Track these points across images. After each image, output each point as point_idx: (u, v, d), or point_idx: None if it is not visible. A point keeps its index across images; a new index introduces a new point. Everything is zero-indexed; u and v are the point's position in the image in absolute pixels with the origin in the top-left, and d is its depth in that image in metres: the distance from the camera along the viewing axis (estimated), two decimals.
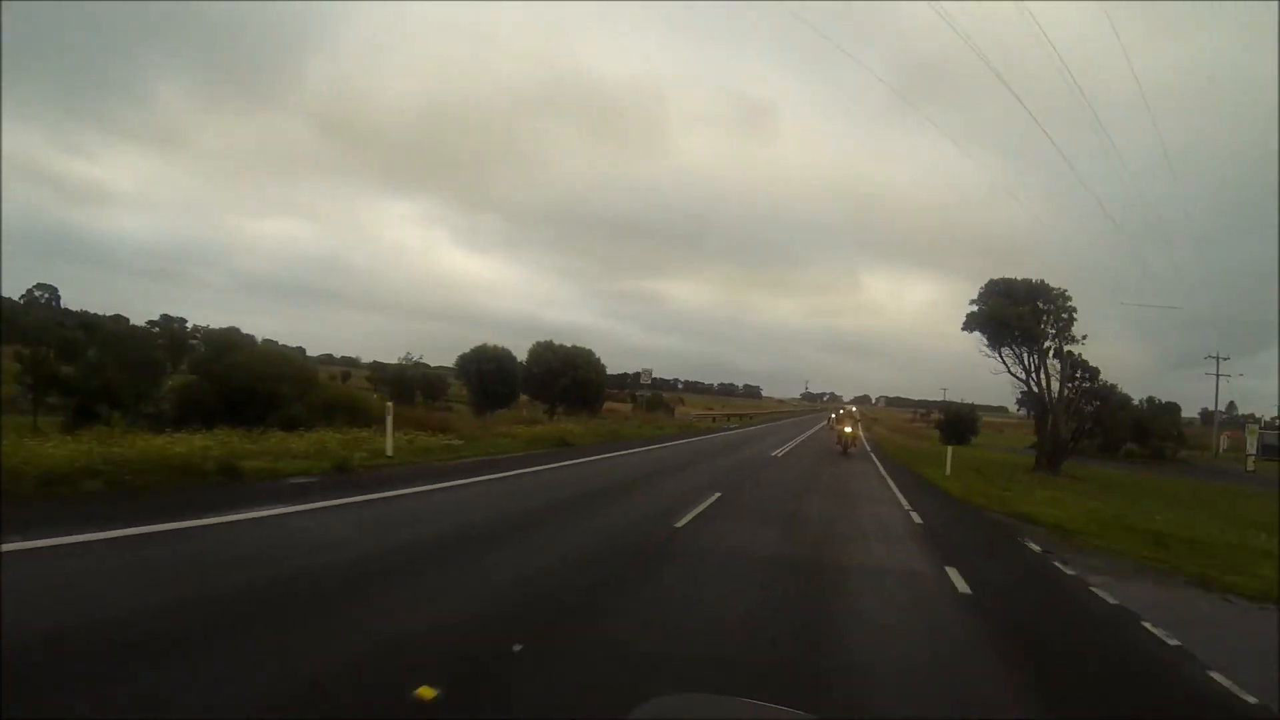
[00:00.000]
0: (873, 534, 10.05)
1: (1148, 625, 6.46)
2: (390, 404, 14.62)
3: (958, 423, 50.08)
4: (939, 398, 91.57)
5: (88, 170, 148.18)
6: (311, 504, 8.11)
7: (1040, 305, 26.70)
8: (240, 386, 18.55)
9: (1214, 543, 11.65)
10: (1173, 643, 5.97)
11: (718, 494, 11.99)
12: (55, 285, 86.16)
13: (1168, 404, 57.51)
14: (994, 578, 8.08)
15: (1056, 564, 9.23)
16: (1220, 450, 46.73)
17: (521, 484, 11.93)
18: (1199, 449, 49.17)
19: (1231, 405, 67.70)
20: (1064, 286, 26.60)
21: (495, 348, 28.88)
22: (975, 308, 26.94)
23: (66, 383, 22.64)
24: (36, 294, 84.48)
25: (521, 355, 30.26)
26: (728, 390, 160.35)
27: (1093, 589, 7.87)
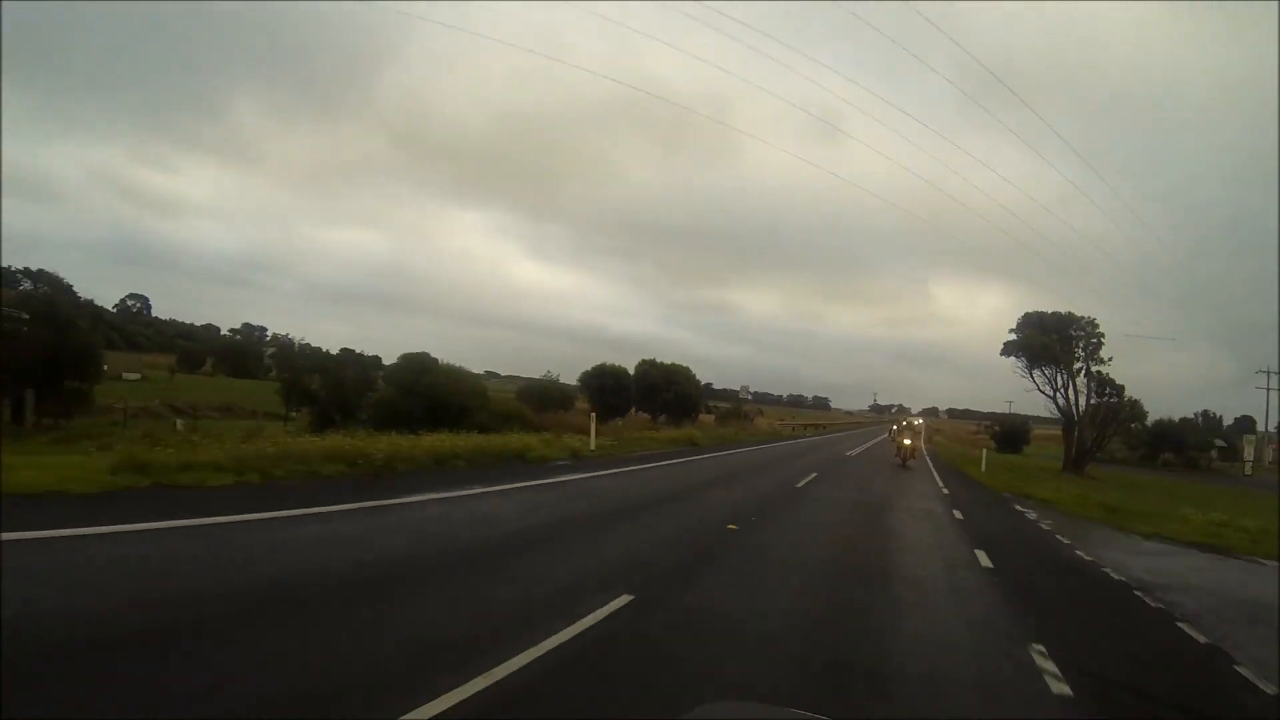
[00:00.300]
0: (915, 495, 16.33)
1: (1060, 537, 12.57)
2: (594, 414, 21.63)
3: (1011, 434, 54.56)
4: (1005, 409, 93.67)
5: (168, 183, 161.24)
6: (587, 473, 14.94)
7: (1072, 333, 31.91)
8: (440, 399, 25.89)
9: (1153, 513, 17.31)
10: (1066, 542, 12.10)
11: (815, 474, 18.49)
12: (145, 295, 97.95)
13: (1214, 417, 60.53)
14: (980, 517, 14.30)
15: (1026, 514, 15.32)
16: (1264, 461, 49.27)
17: (690, 466, 18.70)
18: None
19: None
20: (1092, 314, 31.67)
21: (613, 366, 36.18)
22: (1013, 336, 32.48)
23: (314, 396, 30.77)
24: (130, 303, 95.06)
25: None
26: (797, 401, 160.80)
27: (1040, 525, 13.96)
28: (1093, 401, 30.67)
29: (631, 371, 38.17)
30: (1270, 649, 6.43)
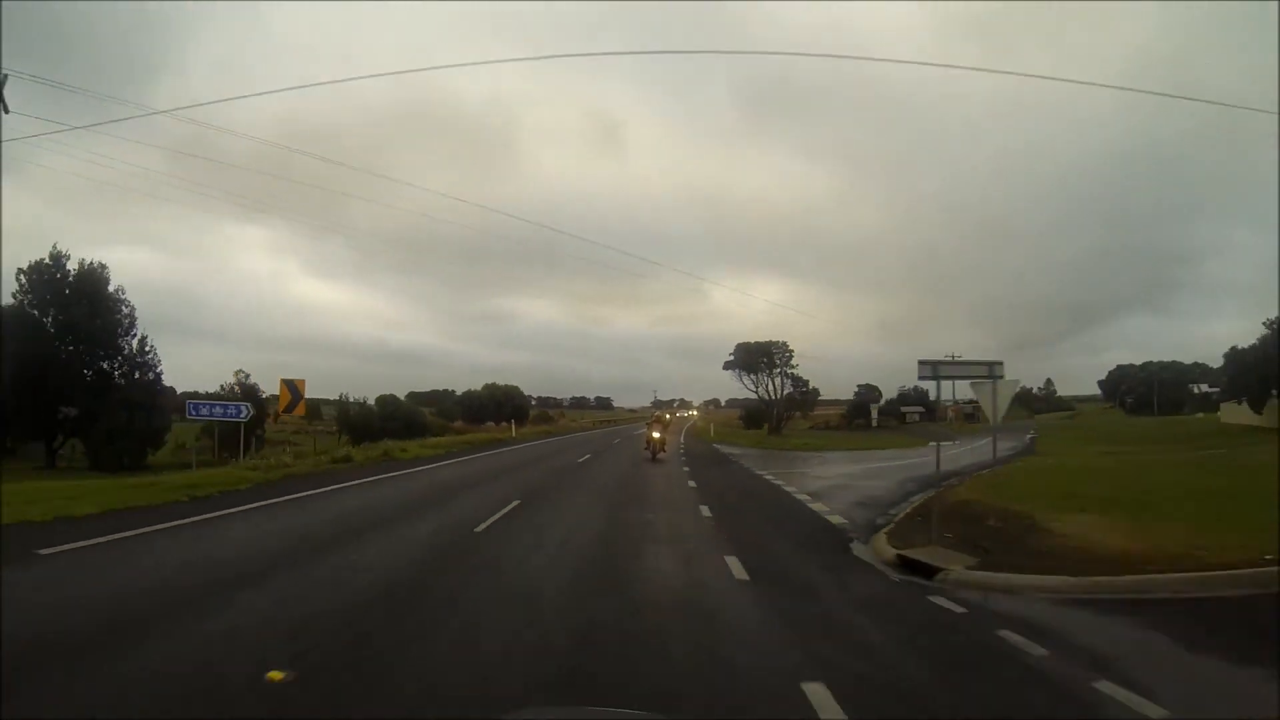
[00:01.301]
0: (670, 443, 31.97)
1: (720, 449, 28.51)
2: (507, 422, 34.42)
3: (754, 415, 75.37)
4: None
5: None
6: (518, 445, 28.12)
7: (773, 351, 51.24)
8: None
9: (781, 444, 34.76)
10: (724, 452, 28.02)
11: (618, 439, 33.38)
12: None
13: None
14: (692, 445, 30.13)
15: (720, 449, 31.58)
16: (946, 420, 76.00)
17: (549, 442, 32.35)
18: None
19: (1049, 383, 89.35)
20: (784, 339, 51.39)
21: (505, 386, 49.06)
22: (731, 358, 51.51)
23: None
24: None
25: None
26: (580, 403, 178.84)
27: (720, 449, 30.08)
28: (787, 392, 50.40)
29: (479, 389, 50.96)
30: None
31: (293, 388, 21.53)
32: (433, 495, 13.54)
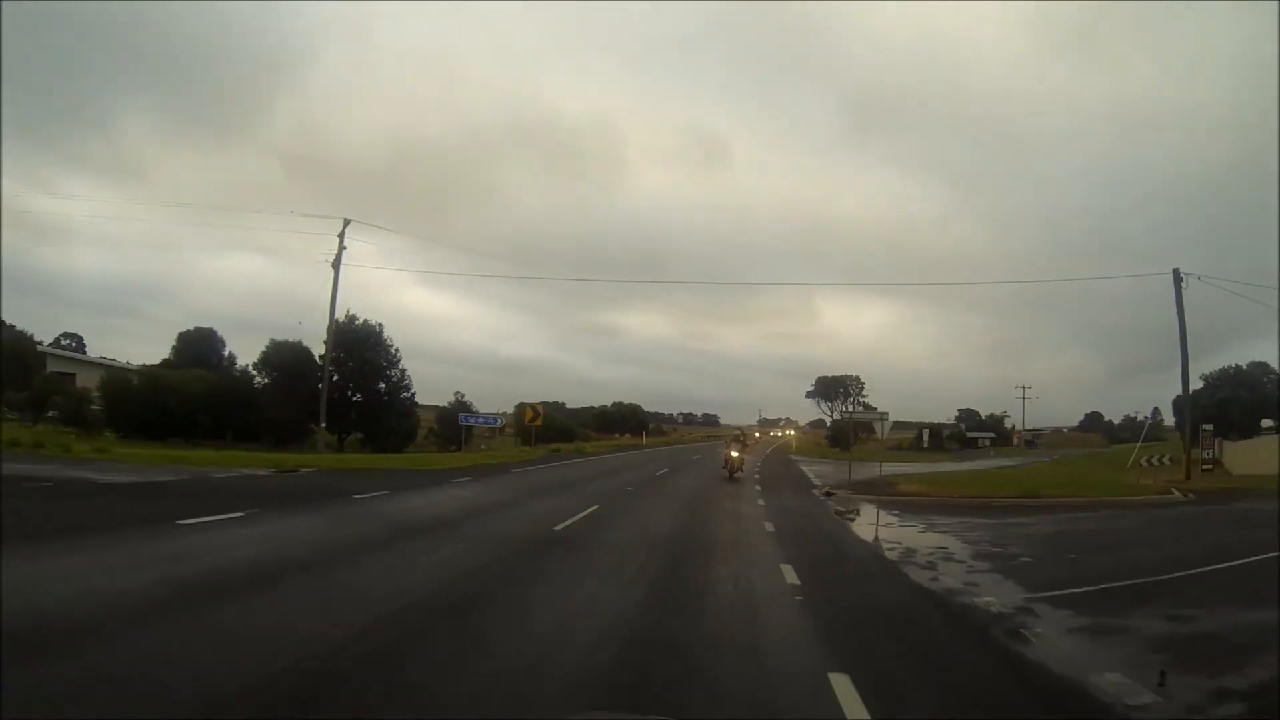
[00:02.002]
0: (759, 458, 43.93)
1: (795, 461, 40.11)
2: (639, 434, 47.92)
3: (839, 435, 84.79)
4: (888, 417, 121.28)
5: (48, 205, 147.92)
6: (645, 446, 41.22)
7: (848, 384, 61.68)
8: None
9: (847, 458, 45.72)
10: (794, 459, 39.60)
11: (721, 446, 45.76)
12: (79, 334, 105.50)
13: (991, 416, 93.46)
14: (771, 458, 41.92)
15: (792, 459, 43.12)
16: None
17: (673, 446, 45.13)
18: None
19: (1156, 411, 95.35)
20: (857, 372, 61.56)
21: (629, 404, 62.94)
22: (812, 388, 62.31)
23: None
24: (64, 341, 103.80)
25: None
26: (689, 419, 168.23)
27: (793, 459, 41.66)
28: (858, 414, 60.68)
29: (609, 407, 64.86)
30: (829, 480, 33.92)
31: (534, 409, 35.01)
32: (624, 464, 26.71)
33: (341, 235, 32.80)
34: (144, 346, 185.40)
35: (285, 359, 43.08)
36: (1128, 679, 4.40)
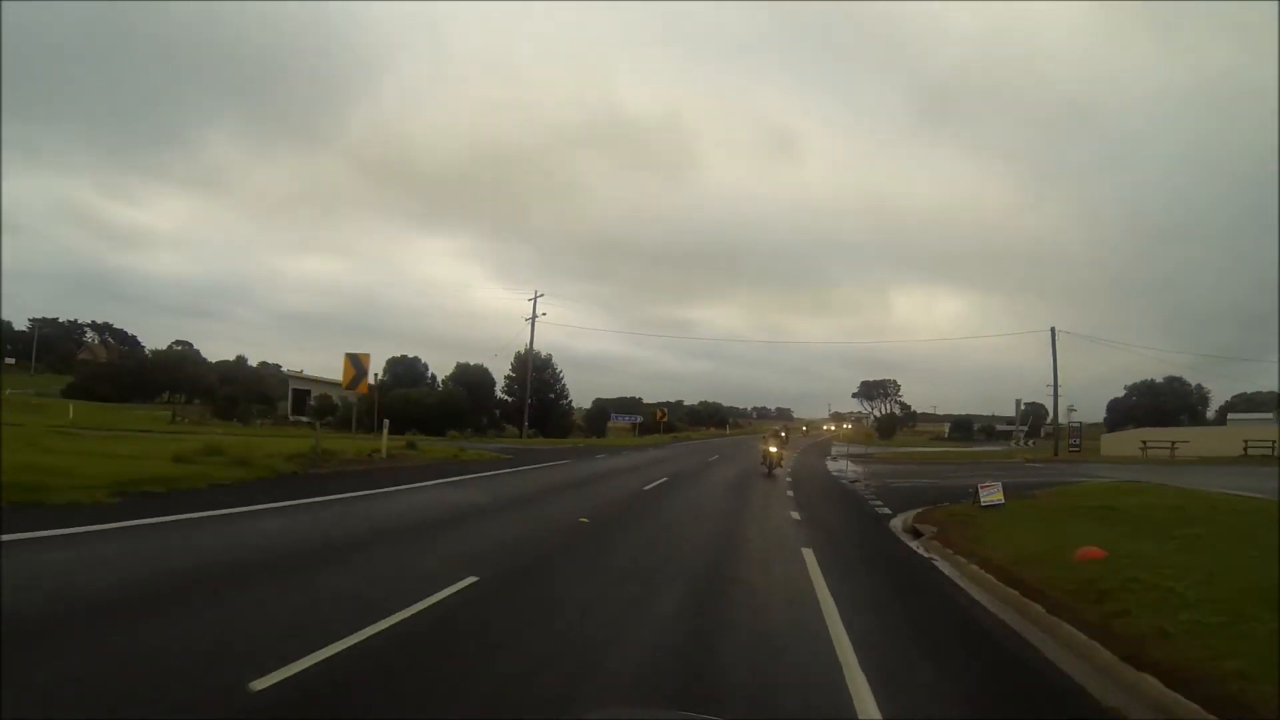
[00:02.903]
0: (813, 441, 62.16)
1: (833, 446, 58.18)
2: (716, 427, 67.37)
3: (888, 426, 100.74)
4: (959, 410, 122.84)
5: (133, 214, 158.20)
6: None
7: (887, 386, 78.66)
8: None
9: (885, 444, 63.11)
10: (836, 450, 57.75)
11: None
12: (190, 340, 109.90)
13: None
14: (819, 443, 60.10)
15: (834, 443, 61.23)
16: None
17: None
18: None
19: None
20: (928, 364, 77.86)
21: (713, 402, 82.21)
22: (857, 390, 79.40)
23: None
24: (178, 347, 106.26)
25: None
26: (762, 413, 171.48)
27: (832, 444, 59.78)
28: (893, 413, 77.19)
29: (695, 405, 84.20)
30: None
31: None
32: (728, 444, 45.85)
33: (534, 301, 52.82)
34: (228, 347, 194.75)
35: (471, 377, 64.23)
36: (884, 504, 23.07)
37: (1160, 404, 50.84)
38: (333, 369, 25.44)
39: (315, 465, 15.02)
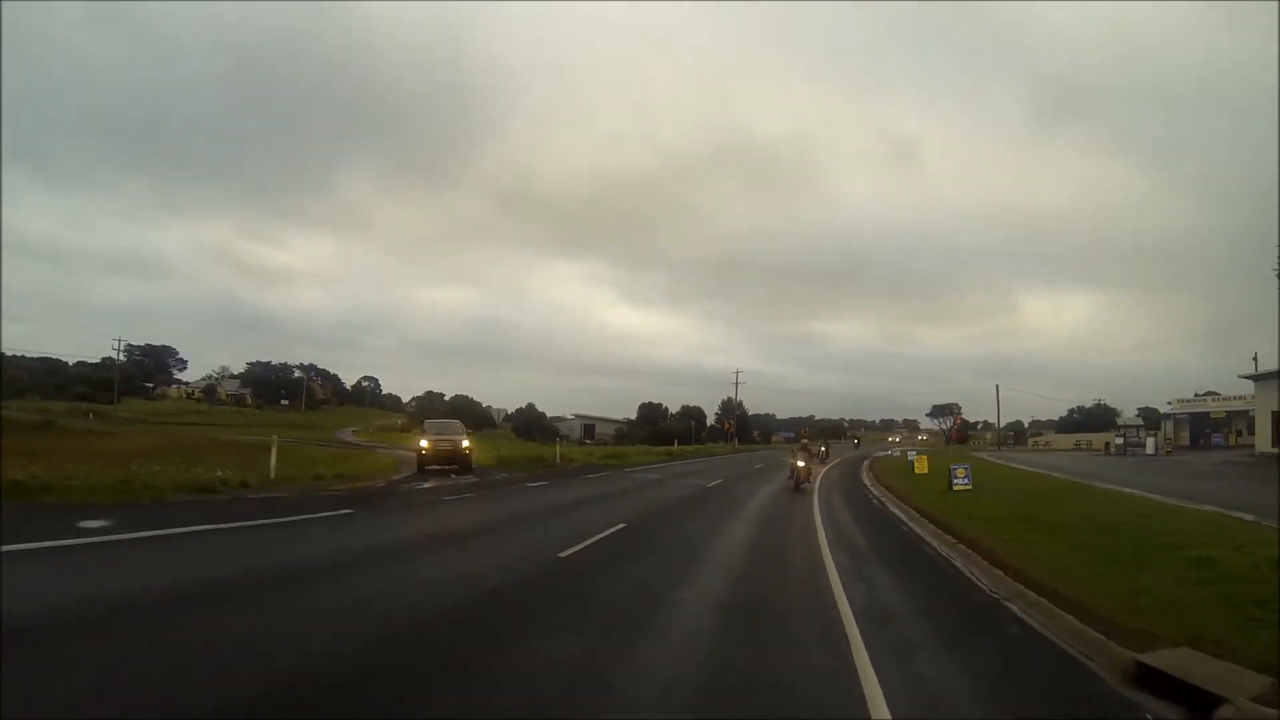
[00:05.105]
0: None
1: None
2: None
3: (961, 436, 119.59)
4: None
5: (276, 256, 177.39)
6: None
7: (952, 408, 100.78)
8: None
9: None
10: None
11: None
12: (376, 376, 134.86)
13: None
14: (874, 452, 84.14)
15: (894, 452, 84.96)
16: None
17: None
18: None
19: None
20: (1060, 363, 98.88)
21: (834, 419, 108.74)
22: (929, 411, 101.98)
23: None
24: (365, 384, 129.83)
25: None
26: (888, 425, 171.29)
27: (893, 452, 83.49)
28: (957, 424, 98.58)
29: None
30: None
31: (805, 431, 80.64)
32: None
33: (735, 384, 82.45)
34: (355, 375, 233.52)
35: (690, 413, 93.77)
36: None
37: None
38: (502, 397, 37.54)
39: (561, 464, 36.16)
